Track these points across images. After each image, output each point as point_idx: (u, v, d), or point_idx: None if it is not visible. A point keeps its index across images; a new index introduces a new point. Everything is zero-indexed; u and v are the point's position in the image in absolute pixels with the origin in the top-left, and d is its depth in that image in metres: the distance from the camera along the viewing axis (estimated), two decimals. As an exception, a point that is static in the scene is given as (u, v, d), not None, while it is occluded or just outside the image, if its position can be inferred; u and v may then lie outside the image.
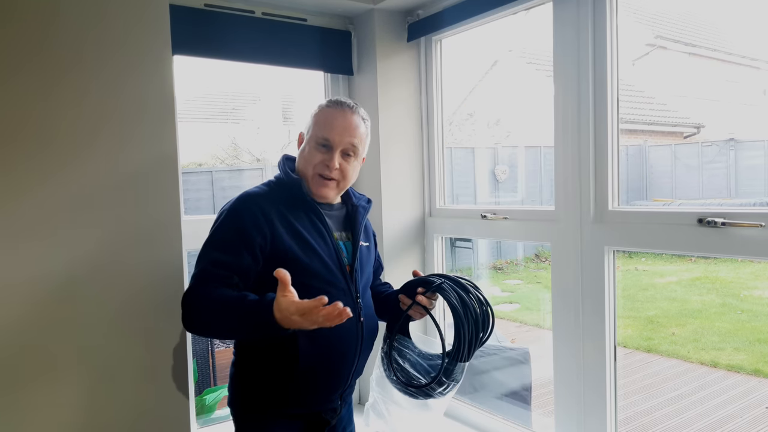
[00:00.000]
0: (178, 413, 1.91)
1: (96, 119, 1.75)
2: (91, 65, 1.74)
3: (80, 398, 1.76)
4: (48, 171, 1.69)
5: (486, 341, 1.56)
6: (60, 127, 1.70)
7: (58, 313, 1.72)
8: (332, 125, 1.52)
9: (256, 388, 1.54)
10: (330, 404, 1.58)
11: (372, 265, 1.70)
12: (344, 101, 1.58)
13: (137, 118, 1.81)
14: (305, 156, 1.54)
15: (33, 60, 1.66)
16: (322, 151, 1.52)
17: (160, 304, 1.87)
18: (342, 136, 1.51)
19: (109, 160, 1.78)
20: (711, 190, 4.50)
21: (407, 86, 2.52)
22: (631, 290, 5.84)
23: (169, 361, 1.89)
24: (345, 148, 1.52)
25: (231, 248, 1.42)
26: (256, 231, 1.42)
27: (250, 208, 1.46)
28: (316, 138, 1.53)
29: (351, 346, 1.52)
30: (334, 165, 1.51)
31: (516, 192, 5.87)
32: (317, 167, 1.52)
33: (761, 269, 5.72)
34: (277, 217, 1.46)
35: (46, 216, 1.69)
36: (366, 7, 2.39)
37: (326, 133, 1.51)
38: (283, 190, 1.53)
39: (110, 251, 1.79)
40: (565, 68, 1.92)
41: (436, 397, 1.55)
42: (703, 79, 4.45)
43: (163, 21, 1.85)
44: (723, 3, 4.22)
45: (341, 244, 1.57)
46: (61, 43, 1.70)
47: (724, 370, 4.43)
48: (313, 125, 1.55)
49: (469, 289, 1.53)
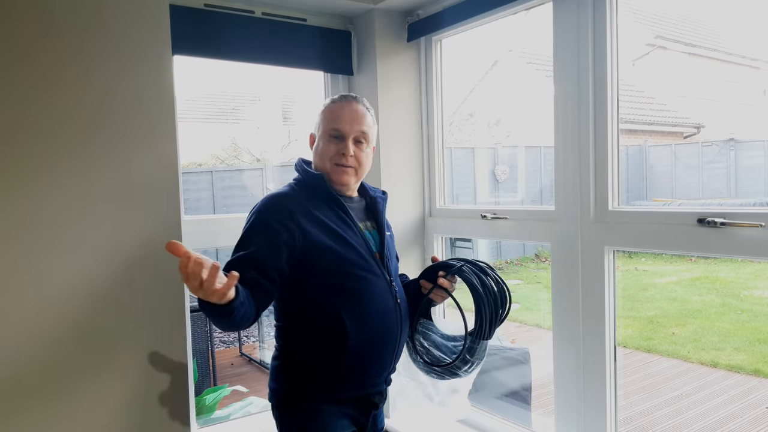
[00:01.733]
0: (178, 413, 1.91)
1: (96, 119, 1.75)
2: (91, 65, 1.74)
3: (80, 398, 1.76)
4: (47, 171, 1.69)
5: (505, 318, 1.63)
6: (59, 127, 1.70)
7: (57, 314, 1.72)
8: (340, 116, 1.59)
9: (306, 376, 1.55)
10: (377, 387, 1.62)
11: (395, 253, 1.77)
12: (347, 94, 1.66)
13: (137, 119, 1.82)
14: (320, 151, 1.61)
15: (32, 59, 1.66)
16: (335, 143, 1.59)
17: (160, 304, 1.87)
18: (351, 125, 1.59)
19: (108, 159, 1.78)
20: (711, 190, 4.50)
21: (407, 86, 2.52)
22: (631, 290, 5.84)
23: (169, 361, 1.89)
24: (356, 136, 1.60)
25: (254, 245, 1.46)
26: (281, 227, 1.47)
27: (273, 207, 1.52)
28: (327, 132, 1.60)
29: (393, 326, 1.58)
30: (349, 152, 1.58)
31: (516, 192, 5.88)
32: (333, 158, 1.59)
33: (761, 269, 5.72)
34: (301, 214, 1.51)
35: (45, 216, 1.69)
36: (366, 7, 2.39)
37: (336, 125, 1.59)
38: (305, 188, 1.59)
39: (110, 251, 1.79)
40: (565, 68, 1.92)
41: (462, 376, 1.62)
42: (703, 79, 4.45)
43: (163, 21, 1.85)
44: (723, 3, 4.22)
45: (367, 233, 1.63)
46: (61, 44, 1.70)
47: (724, 370, 4.43)
48: (322, 121, 1.62)
49: (487, 271, 1.62)
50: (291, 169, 1.71)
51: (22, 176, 1.66)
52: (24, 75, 1.66)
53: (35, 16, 1.66)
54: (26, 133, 1.66)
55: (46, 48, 1.68)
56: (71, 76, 1.72)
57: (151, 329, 1.85)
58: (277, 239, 1.46)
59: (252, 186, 6.34)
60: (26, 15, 1.65)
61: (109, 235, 1.78)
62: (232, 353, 5.80)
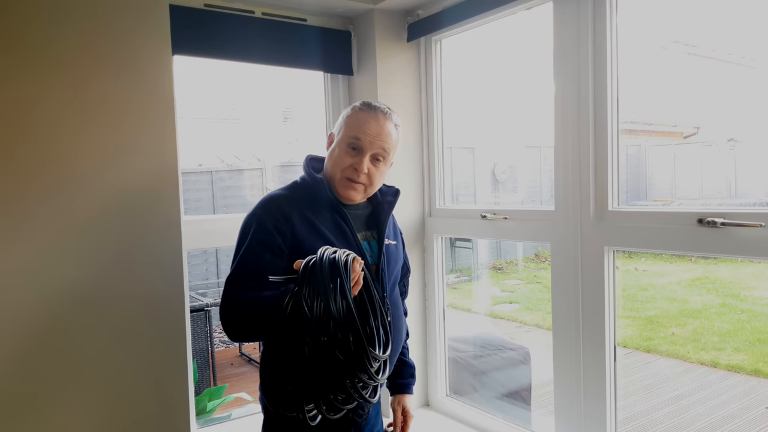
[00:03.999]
0: (178, 413, 1.91)
1: (96, 119, 1.76)
2: (91, 65, 1.74)
3: (80, 398, 1.76)
4: (47, 171, 1.69)
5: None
6: (59, 126, 1.70)
7: (58, 314, 1.72)
8: (364, 129, 1.50)
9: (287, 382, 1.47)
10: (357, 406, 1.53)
11: (400, 263, 1.69)
12: (379, 105, 1.56)
13: (137, 119, 1.82)
14: (334, 158, 1.53)
15: (32, 60, 1.66)
16: (352, 154, 1.51)
17: (160, 304, 1.87)
18: (374, 140, 1.50)
19: (108, 160, 1.78)
20: (711, 190, 4.50)
21: (407, 86, 2.52)
22: (631, 290, 5.84)
23: (169, 361, 1.89)
24: (375, 153, 1.51)
25: (253, 252, 1.42)
26: (276, 231, 1.43)
27: (269, 210, 1.46)
28: (347, 140, 1.51)
29: None
30: (363, 169, 1.50)
31: (516, 192, 5.88)
32: (345, 171, 1.51)
33: (761, 269, 5.72)
34: (297, 217, 1.46)
35: (45, 216, 1.69)
36: (366, 7, 2.39)
37: (358, 134, 1.50)
38: (305, 191, 1.53)
39: (110, 251, 1.79)
40: (565, 68, 1.92)
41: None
42: (703, 79, 4.45)
43: (163, 21, 1.85)
44: (723, 3, 4.22)
45: (365, 243, 1.56)
46: (61, 44, 1.70)
47: (724, 370, 4.43)
48: (345, 127, 1.54)
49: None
50: (291, 170, 1.69)
51: (23, 176, 1.66)
52: (24, 75, 1.66)
53: (35, 16, 1.66)
54: (26, 132, 1.66)
55: (46, 48, 1.68)
56: (72, 75, 1.72)
57: (151, 329, 1.85)
58: (271, 244, 1.42)
59: (252, 186, 6.34)
60: (26, 15, 1.65)
61: (109, 235, 1.78)
62: (232, 353, 5.80)
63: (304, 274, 1.27)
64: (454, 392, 2.63)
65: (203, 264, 6.41)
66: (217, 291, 6.27)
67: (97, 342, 1.77)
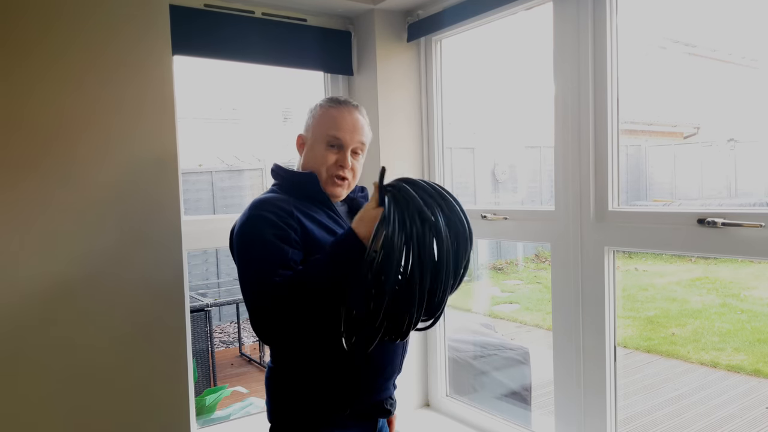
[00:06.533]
0: (178, 413, 1.91)
1: (95, 119, 1.75)
2: (91, 65, 1.74)
3: (80, 399, 1.76)
4: (47, 171, 1.69)
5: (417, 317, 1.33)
6: (59, 127, 1.70)
7: (58, 313, 1.72)
8: (341, 125, 1.51)
9: (318, 389, 1.45)
10: (388, 391, 1.55)
11: None
12: (345, 99, 1.57)
13: (137, 119, 1.82)
14: (316, 157, 1.52)
15: (31, 59, 1.66)
16: (334, 152, 1.51)
17: (160, 304, 1.87)
18: (353, 135, 1.52)
19: (108, 160, 1.78)
20: (711, 190, 4.50)
21: (407, 86, 2.52)
22: (631, 290, 5.84)
23: (169, 361, 1.89)
24: (355, 147, 1.53)
25: (272, 247, 1.35)
26: (286, 226, 1.38)
27: (269, 209, 1.40)
28: (325, 138, 1.51)
29: None
30: (348, 164, 1.51)
31: (516, 192, 5.88)
32: (331, 168, 1.51)
33: (761, 269, 5.72)
34: (298, 212, 1.42)
35: (45, 216, 1.69)
36: (366, 8, 2.39)
37: (336, 132, 1.50)
38: (293, 188, 1.50)
39: (110, 251, 1.79)
40: (565, 68, 1.92)
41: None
42: (703, 79, 4.45)
43: (163, 21, 1.85)
44: (723, 3, 4.22)
45: None
46: (60, 44, 1.70)
47: (724, 371, 4.44)
48: (318, 125, 1.53)
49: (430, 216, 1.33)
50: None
51: (22, 177, 1.66)
52: (24, 75, 1.65)
53: (35, 15, 1.66)
54: (25, 133, 1.66)
55: (46, 47, 1.68)
56: (72, 75, 1.72)
57: (151, 329, 1.85)
58: (289, 238, 1.37)
59: (252, 186, 6.34)
60: (26, 14, 1.65)
61: (109, 235, 1.78)
62: (232, 353, 5.81)
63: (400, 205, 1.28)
64: (455, 392, 2.63)
65: (203, 264, 6.42)
66: (217, 291, 6.27)
67: (97, 342, 1.77)
